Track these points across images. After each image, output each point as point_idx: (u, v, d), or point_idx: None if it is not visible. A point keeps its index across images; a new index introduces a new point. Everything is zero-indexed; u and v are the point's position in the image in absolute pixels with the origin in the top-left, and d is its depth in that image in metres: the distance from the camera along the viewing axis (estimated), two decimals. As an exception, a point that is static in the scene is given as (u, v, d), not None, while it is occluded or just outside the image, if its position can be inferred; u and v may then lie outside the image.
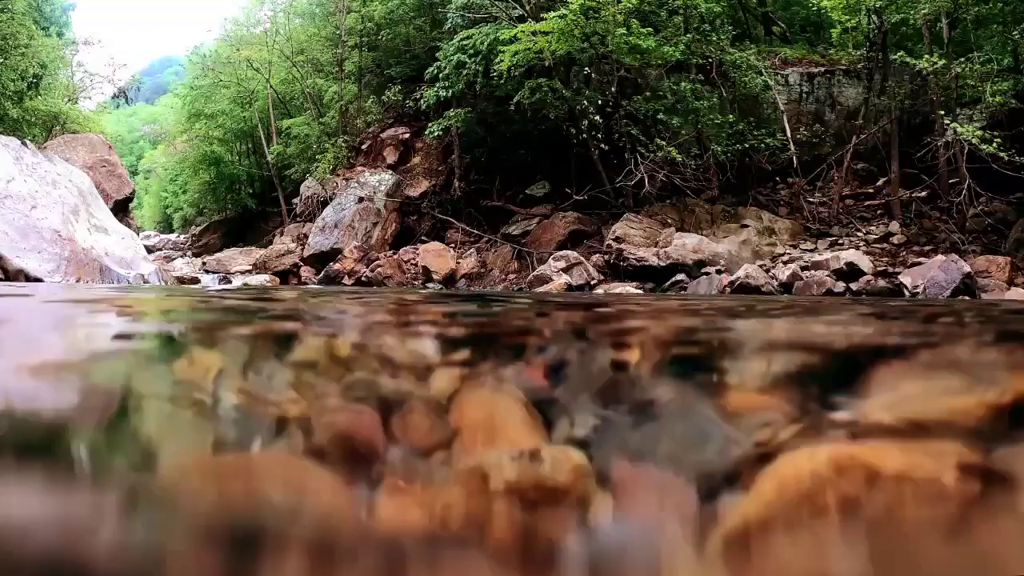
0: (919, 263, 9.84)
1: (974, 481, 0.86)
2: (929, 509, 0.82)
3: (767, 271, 10.48)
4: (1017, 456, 0.95)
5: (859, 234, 11.51)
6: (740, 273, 10.19)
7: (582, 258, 11.80)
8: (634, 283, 11.00)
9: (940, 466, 0.87)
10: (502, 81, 12.71)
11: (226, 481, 0.89)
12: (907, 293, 9.14)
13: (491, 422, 1.16)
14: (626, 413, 1.25)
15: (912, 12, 11.23)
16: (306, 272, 14.83)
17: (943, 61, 10.50)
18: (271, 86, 21.74)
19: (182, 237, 27.90)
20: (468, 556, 0.77)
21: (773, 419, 1.14)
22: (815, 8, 13.15)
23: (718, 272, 10.56)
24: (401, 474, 0.94)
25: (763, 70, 12.85)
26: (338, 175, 16.67)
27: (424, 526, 0.80)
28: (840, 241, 11.42)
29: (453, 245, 14.55)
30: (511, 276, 12.94)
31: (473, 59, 13.30)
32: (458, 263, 13.59)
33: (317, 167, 16.96)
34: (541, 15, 12.31)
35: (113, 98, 26.48)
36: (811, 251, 11.22)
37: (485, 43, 13.10)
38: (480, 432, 1.13)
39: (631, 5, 11.61)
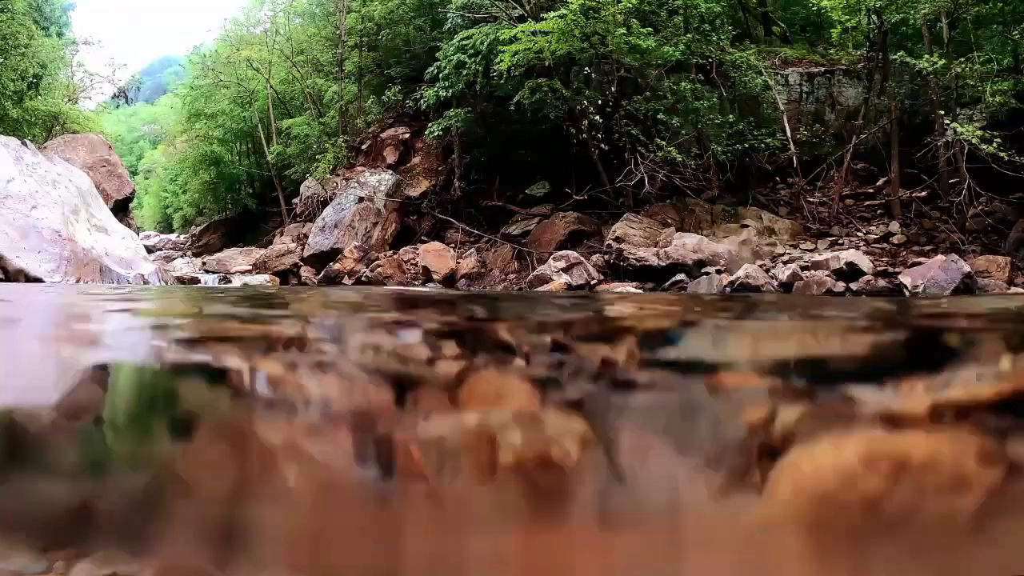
0: (919, 263, 9.84)
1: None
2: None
3: (767, 271, 10.47)
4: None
5: (859, 234, 11.50)
6: (740, 273, 10.19)
7: (582, 258, 11.80)
8: (634, 283, 11.00)
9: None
10: (502, 81, 12.70)
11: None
12: (907, 293, 9.14)
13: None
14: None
15: (912, 12, 11.22)
16: (306, 272, 14.82)
17: (943, 61, 10.49)
18: (271, 86, 21.74)
19: (182, 237, 27.89)
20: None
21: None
22: (815, 8, 13.13)
23: (718, 272, 10.56)
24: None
25: (763, 70, 12.84)
26: (338, 175, 16.67)
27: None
28: (840, 241, 11.42)
29: (453, 245, 14.54)
30: (511, 276, 12.94)
31: (473, 59, 13.29)
32: (458, 263, 13.58)
33: (317, 167, 16.96)
34: (541, 15, 12.30)
35: (113, 98, 26.47)
36: (811, 251, 11.22)
37: (485, 43, 13.09)
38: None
39: (631, 5, 11.60)
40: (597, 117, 12.38)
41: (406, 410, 1.16)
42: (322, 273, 14.22)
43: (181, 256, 20.64)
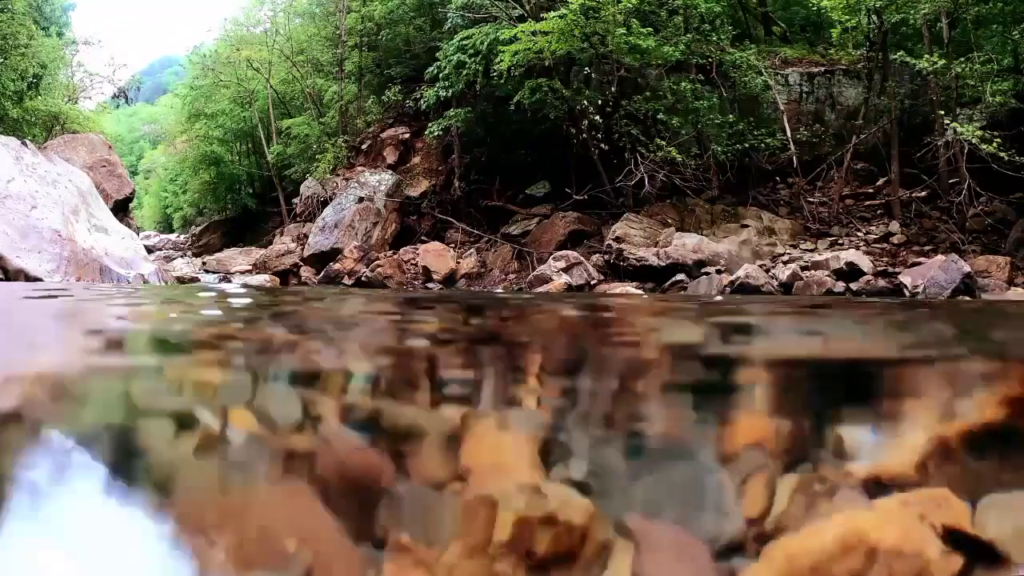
0: (919, 263, 9.84)
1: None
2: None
3: (767, 271, 10.47)
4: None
5: (859, 234, 11.50)
6: (740, 273, 10.18)
7: (582, 258, 11.80)
8: (634, 283, 11.00)
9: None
10: (502, 81, 12.70)
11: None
12: (907, 293, 9.14)
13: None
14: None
15: (912, 12, 11.22)
16: (306, 272, 14.82)
17: (943, 61, 10.49)
18: (271, 86, 21.73)
19: (182, 237, 27.89)
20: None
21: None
22: (815, 8, 13.13)
23: (718, 272, 10.55)
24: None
25: (763, 70, 12.84)
26: (338, 175, 16.66)
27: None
28: (840, 241, 11.42)
29: (453, 245, 14.54)
30: (511, 276, 12.93)
31: (473, 59, 13.29)
32: (458, 263, 13.58)
33: (317, 167, 16.95)
34: (541, 15, 12.30)
35: (113, 98, 26.44)
36: (811, 251, 11.22)
37: (485, 43, 13.09)
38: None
39: (631, 5, 11.60)
40: (597, 117, 12.37)
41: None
42: (322, 273, 14.22)
43: (181, 256, 20.64)
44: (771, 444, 1.18)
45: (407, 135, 17.07)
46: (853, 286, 9.68)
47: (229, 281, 13.64)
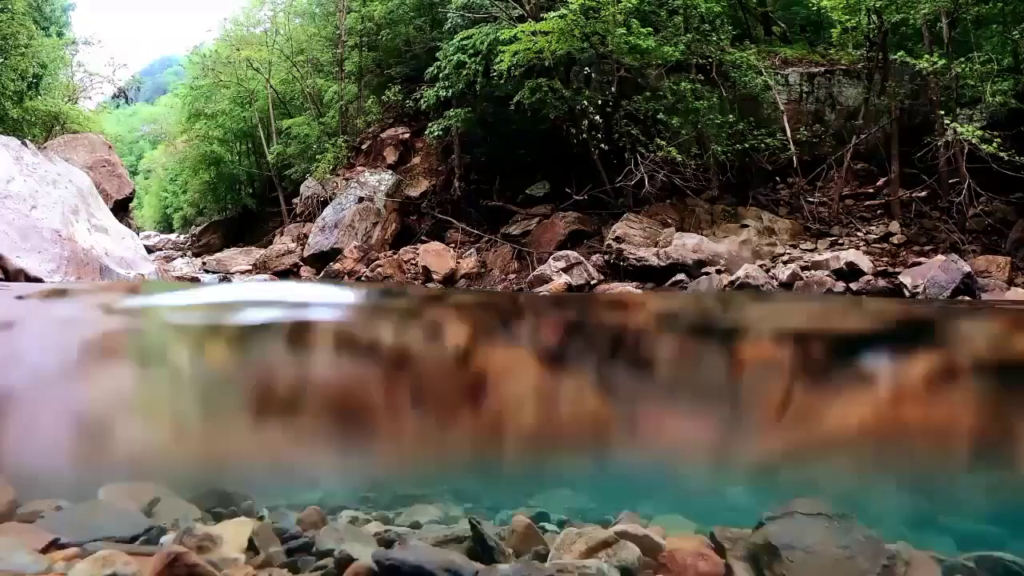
0: (919, 263, 9.84)
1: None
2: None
3: (767, 271, 10.47)
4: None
5: (859, 234, 11.50)
6: (740, 273, 10.19)
7: (582, 258, 11.80)
8: (634, 283, 11.01)
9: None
10: (502, 81, 12.69)
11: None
12: (907, 293, 9.14)
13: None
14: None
15: (912, 12, 11.22)
16: (306, 272, 14.83)
17: (943, 61, 10.48)
18: (271, 86, 21.74)
19: (182, 237, 27.89)
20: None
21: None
22: (815, 8, 13.12)
23: (718, 272, 10.56)
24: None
25: (763, 70, 12.84)
26: (338, 175, 16.67)
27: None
28: (840, 241, 11.42)
29: (453, 245, 14.54)
30: (511, 276, 12.93)
31: (473, 59, 13.29)
32: (458, 263, 13.58)
33: (317, 167, 16.96)
34: (541, 15, 12.30)
35: (113, 98, 26.45)
36: (811, 251, 11.22)
37: (485, 43, 13.09)
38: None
39: (631, 5, 11.60)
40: (597, 117, 12.37)
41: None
42: (322, 273, 14.23)
43: (181, 256, 20.65)
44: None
45: (407, 135, 17.07)
46: (853, 286, 9.69)
47: (229, 281, 13.64)
